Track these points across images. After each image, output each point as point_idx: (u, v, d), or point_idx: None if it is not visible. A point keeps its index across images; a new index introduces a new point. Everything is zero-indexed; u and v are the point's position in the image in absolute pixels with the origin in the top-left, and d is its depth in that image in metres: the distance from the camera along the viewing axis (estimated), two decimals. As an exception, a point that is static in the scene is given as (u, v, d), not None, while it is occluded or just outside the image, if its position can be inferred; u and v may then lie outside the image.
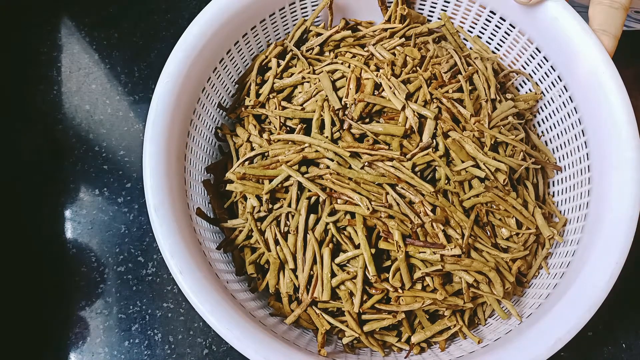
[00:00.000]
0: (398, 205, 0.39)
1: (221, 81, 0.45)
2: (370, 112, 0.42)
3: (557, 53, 0.41)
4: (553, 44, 0.41)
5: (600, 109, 0.38)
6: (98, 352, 0.48)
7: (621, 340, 0.49)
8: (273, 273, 0.41)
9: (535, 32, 0.42)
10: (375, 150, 0.40)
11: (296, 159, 0.41)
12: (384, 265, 0.40)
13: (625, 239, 0.36)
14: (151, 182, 0.37)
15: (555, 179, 0.46)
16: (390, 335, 0.41)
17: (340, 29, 0.46)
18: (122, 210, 0.52)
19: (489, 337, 0.40)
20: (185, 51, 0.39)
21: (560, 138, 0.45)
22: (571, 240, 0.42)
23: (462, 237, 0.39)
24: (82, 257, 0.51)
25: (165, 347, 0.48)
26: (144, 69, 0.56)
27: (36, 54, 0.56)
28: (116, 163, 0.53)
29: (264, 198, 0.41)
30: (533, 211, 0.42)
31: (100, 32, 0.57)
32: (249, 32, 0.44)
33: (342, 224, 0.40)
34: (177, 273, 0.35)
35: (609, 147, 0.38)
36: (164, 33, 0.57)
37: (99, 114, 0.54)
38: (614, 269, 0.35)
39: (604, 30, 0.38)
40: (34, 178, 0.53)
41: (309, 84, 0.44)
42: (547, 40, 0.42)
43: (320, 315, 0.40)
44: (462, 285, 0.40)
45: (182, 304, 0.49)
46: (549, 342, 0.35)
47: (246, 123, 0.45)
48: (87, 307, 0.49)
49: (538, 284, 0.43)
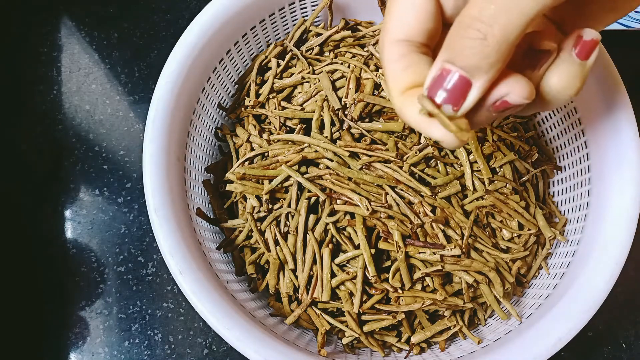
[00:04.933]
0: (398, 205, 0.39)
1: (221, 81, 0.45)
2: (370, 112, 0.42)
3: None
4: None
5: (600, 110, 0.38)
6: (98, 352, 0.48)
7: (621, 340, 0.49)
8: (273, 273, 0.41)
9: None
10: (372, 150, 0.40)
11: (296, 159, 0.41)
12: (383, 266, 0.40)
13: (625, 239, 0.36)
14: (151, 182, 0.37)
15: (555, 179, 0.46)
16: (390, 335, 0.41)
17: (340, 29, 0.46)
18: (122, 210, 0.52)
19: (489, 338, 0.40)
20: (185, 51, 0.39)
21: (560, 138, 0.45)
22: (571, 240, 0.42)
23: (461, 237, 0.39)
24: (82, 257, 0.51)
25: (165, 347, 0.48)
26: (144, 69, 0.56)
27: (36, 54, 0.56)
28: (116, 163, 0.53)
29: (264, 198, 0.41)
30: (534, 212, 0.42)
31: (100, 32, 0.57)
32: (249, 32, 0.44)
33: (341, 224, 0.40)
34: (177, 273, 0.35)
35: (609, 147, 0.38)
36: (164, 33, 0.57)
37: (99, 114, 0.54)
38: (614, 269, 0.35)
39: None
40: (34, 178, 0.53)
41: (308, 84, 0.44)
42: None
43: (320, 315, 0.40)
44: (462, 285, 0.40)
45: (182, 304, 0.49)
46: (549, 342, 0.35)
47: (246, 123, 0.45)
48: (87, 307, 0.49)
49: (538, 284, 0.43)
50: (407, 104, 0.22)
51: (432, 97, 0.21)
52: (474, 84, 0.20)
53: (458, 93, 0.20)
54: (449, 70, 0.20)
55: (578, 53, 0.22)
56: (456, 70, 0.20)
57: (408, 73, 0.22)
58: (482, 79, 0.20)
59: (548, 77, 0.22)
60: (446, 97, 0.20)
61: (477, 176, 0.41)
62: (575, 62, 0.22)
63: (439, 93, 0.20)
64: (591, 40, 0.22)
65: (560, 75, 0.22)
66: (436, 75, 0.21)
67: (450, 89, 0.20)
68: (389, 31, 0.23)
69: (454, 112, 0.21)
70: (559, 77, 0.22)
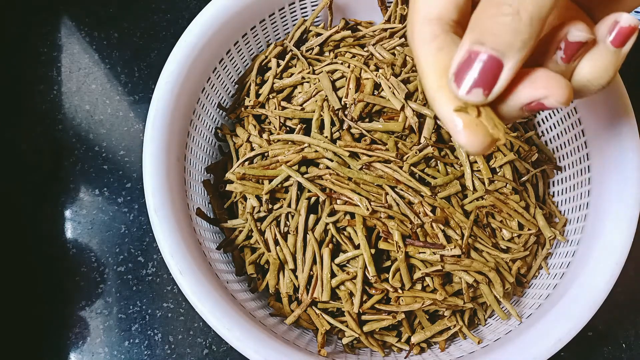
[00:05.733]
0: (398, 205, 0.39)
1: (221, 81, 0.45)
2: (370, 112, 0.42)
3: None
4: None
5: (600, 109, 0.38)
6: (98, 352, 0.48)
7: (621, 340, 0.49)
8: (273, 273, 0.41)
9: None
10: (372, 150, 0.40)
11: (296, 159, 0.41)
12: (383, 266, 0.40)
13: (625, 239, 0.36)
14: (151, 182, 0.37)
15: (555, 179, 0.46)
16: (390, 335, 0.41)
17: (340, 29, 0.46)
18: (122, 210, 0.52)
19: (489, 338, 0.40)
20: (185, 51, 0.39)
21: (560, 138, 0.45)
22: (571, 240, 0.42)
23: (461, 237, 0.39)
24: (82, 257, 0.51)
25: (165, 347, 0.48)
26: (144, 69, 0.56)
27: (36, 54, 0.56)
28: (116, 163, 0.53)
29: (264, 198, 0.41)
30: (534, 212, 0.42)
31: (100, 32, 0.57)
32: (249, 32, 0.44)
33: (341, 224, 0.40)
34: (177, 273, 0.35)
35: (609, 147, 0.38)
36: (164, 33, 0.57)
37: (99, 114, 0.54)
38: (614, 269, 0.35)
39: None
40: (34, 178, 0.53)
41: (308, 84, 0.44)
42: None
43: (320, 315, 0.40)
44: (462, 285, 0.40)
45: (182, 304, 0.49)
46: (549, 343, 0.35)
47: (246, 123, 0.45)
48: (87, 307, 0.49)
49: (538, 284, 0.43)
50: (443, 95, 0.20)
51: (458, 83, 0.19)
52: (505, 64, 0.19)
53: (490, 75, 0.19)
54: (478, 51, 0.19)
55: (613, 40, 0.20)
56: (486, 50, 0.19)
57: (443, 55, 0.21)
58: (514, 58, 0.19)
59: (579, 66, 0.21)
60: (477, 79, 0.19)
61: (477, 176, 0.41)
62: (610, 50, 0.20)
63: (467, 77, 0.19)
64: (629, 27, 0.20)
65: (593, 65, 0.21)
66: (464, 58, 0.19)
67: (481, 71, 0.19)
68: (419, 9, 0.21)
69: (484, 98, 0.19)
70: (591, 66, 0.21)
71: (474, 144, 0.19)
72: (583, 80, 0.21)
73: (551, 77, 0.20)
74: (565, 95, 0.19)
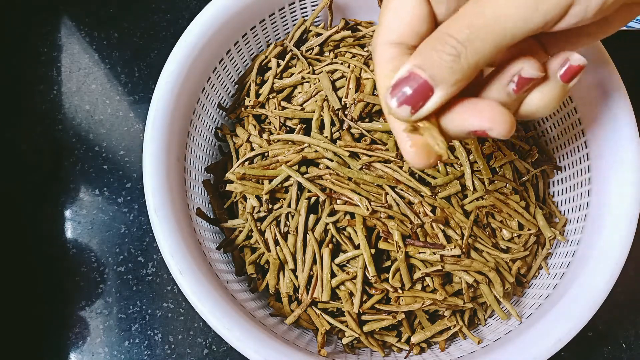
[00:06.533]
0: (398, 205, 0.39)
1: (221, 81, 0.45)
2: (370, 112, 0.42)
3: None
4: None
5: (600, 110, 0.38)
6: (98, 352, 0.48)
7: (621, 340, 0.49)
8: (273, 273, 0.41)
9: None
10: (372, 150, 0.40)
11: (296, 159, 0.41)
12: (383, 266, 0.40)
13: (625, 239, 0.36)
14: (151, 182, 0.37)
15: (555, 179, 0.46)
16: (390, 335, 0.41)
17: (340, 29, 0.46)
18: (122, 210, 0.52)
19: (489, 338, 0.40)
20: (185, 51, 0.39)
21: (560, 138, 0.45)
22: (571, 240, 0.42)
23: (461, 237, 0.39)
24: (82, 257, 0.51)
25: (165, 347, 0.48)
26: (144, 69, 0.56)
27: (36, 54, 0.56)
28: (116, 163, 0.53)
29: (264, 198, 0.41)
30: (534, 212, 0.42)
31: (100, 32, 0.57)
32: (249, 32, 0.44)
33: (341, 224, 0.40)
34: (177, 273, 0.35)
35: (609, 147, 0.38)
36: (164, 33, 0.57)
37: (99, 114, 0.54)
38: (614, 269, 0.35)
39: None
40: (34, 178, 0.53)
41: (308, 84, 0.44)
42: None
43: (320, 315, 0.40)
44: (462, 285, 0.40)
45: (182, 304, 0.49)
46: (549, 343, 0.35)
47: (246, 123, 0.45)
48: (87, 307, 0.49)
49: (538, 284, 0.43)
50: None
51: (392, 96, 0.22)
52: (435, 92, 0.21)
53: (420, 97, 0.21)
54: (417, 74, 0.21)
55: (563, 75, 0.22)
56: (424, 76, 0.21)
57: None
58: (444, 91, 0.21)
59: (530, 97, 0.23)
60: (408, 97, 0.21)
61: (477, 176, 0.41)
62: (558, 83, 0.23)
63: (401, 93, 0.21)
64: (578, 66, 0.22)
65: (543, 97, 0.23)
66: (404, 75, 0.21)
67: (413, 91, 0.21)
68: (382, 33, 0.24)
69: (409, 115, 0.22)
70: (540, 98, 0.23)
71: (420, 161, 0.23)
72: (532, 108, 0.23)
73: (497, 111, 0.22)
74: (507, 130, 0.21)
